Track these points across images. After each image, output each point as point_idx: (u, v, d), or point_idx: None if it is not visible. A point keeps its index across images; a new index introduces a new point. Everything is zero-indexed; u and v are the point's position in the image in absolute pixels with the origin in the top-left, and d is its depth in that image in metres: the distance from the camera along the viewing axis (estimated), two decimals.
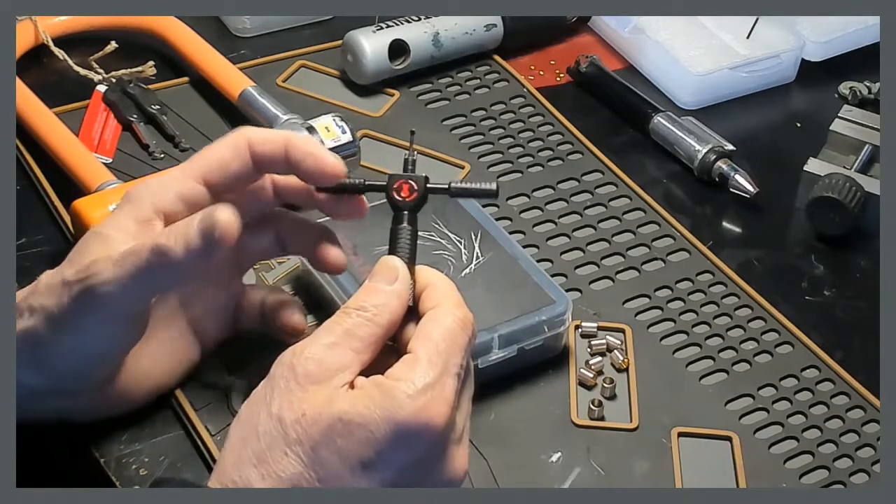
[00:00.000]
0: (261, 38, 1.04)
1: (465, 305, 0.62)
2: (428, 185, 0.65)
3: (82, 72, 0.95)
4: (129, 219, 0.64)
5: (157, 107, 0.93)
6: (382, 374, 0.59)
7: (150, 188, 0.65)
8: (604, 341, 0.79)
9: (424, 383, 0.58)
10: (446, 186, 0.65)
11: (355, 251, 0.77)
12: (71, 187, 0.83)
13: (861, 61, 1.07)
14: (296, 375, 0.58)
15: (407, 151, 0.66)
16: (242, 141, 0.65)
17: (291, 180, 0.67)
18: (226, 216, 0.61)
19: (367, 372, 0.60)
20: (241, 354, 0.74)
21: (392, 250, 0.64)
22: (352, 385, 0.59)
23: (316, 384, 0.58)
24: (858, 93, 1.04)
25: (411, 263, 0.63)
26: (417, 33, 0.99)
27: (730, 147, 0.95)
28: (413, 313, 0.62)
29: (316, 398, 0.57)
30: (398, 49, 0.98)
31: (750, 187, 0.92)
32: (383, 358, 0.61)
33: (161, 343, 0.69)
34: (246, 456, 0.58)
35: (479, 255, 0.79)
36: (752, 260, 0.89)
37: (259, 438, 0.58)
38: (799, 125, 1.03)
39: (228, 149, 0.65)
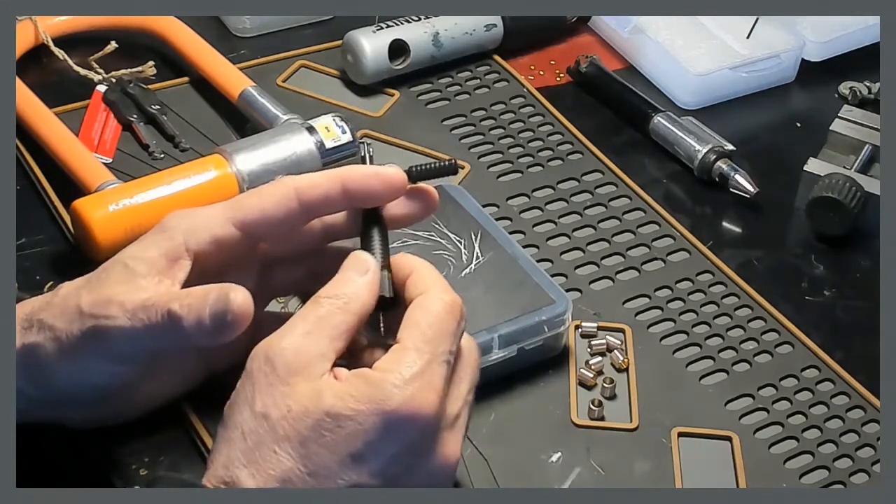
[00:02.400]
0: (261, 38, 1.04)
1: (451, 289, 0.62)
2: None
3: (82, 72, 0.94)
4: (159, 251, 0.63)
5: (157, 107, 0.93)
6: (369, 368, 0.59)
7: (186, 223, 0.64)
8: (604, 341, 0.79)
9: (412, 373, 0.58)
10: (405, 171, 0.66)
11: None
12: (71, 187, 0.83)
13: (861, 61, 1.07)
14: (274, 368, 0.58)
15: (362, 147, 0.68)
16: (288, 191, 0.64)
17: (339, 217, 0.67)
18: (239, 302, 0.60)
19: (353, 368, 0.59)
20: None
21: (364, 238, 0.64)
22: (336, 378, 0.58)
23: (296, 375, 0.58)
24: (858, 93, 1.04)
25: (385, 249, 0.64)
26: (417, 33, 0.99)
27: (730, 147, 0.95)
28: (398, 302, 0.62)
29: (300, 392, 0.57)
30: (398, 49, 0.98)
31: (750, 187, 0.92)
32: (368, 353, 0.61)
33: (169, 369, 0.68)
34: (234, 457, 0.57)
35: (479, 255, 0.79)
36: (752, 260, 0.89)
37: (245, 438, 0.57)
38: (799, 125, 1.03)
39: (272, 202, 0.64)
